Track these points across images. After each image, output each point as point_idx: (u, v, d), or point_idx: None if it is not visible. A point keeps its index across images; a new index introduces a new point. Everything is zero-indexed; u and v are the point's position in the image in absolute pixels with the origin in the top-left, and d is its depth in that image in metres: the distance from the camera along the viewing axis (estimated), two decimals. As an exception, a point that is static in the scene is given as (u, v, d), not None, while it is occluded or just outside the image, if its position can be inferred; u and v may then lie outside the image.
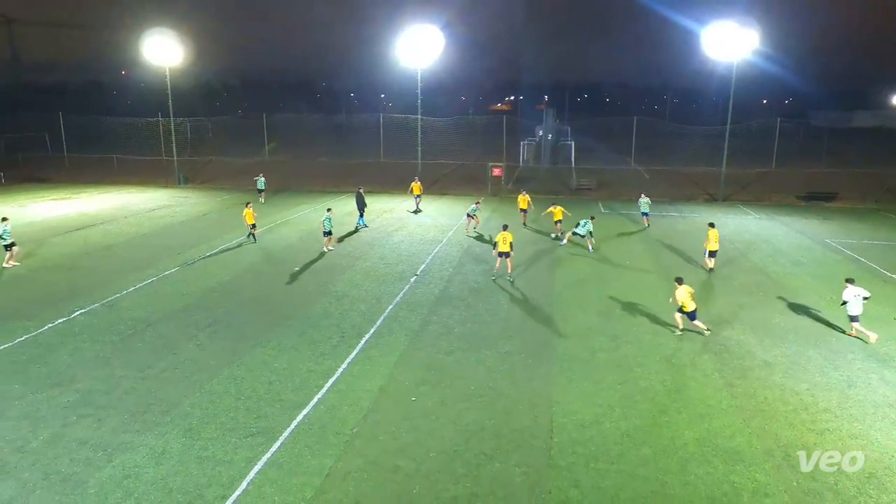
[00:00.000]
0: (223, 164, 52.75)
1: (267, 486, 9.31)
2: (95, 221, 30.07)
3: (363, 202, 28.93)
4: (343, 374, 13.09)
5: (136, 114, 58.08)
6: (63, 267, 21.41)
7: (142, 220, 30.49)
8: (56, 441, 10.54)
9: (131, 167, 50.68)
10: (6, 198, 37.91)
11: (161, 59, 42.56)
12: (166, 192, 41.03)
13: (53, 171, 49.31)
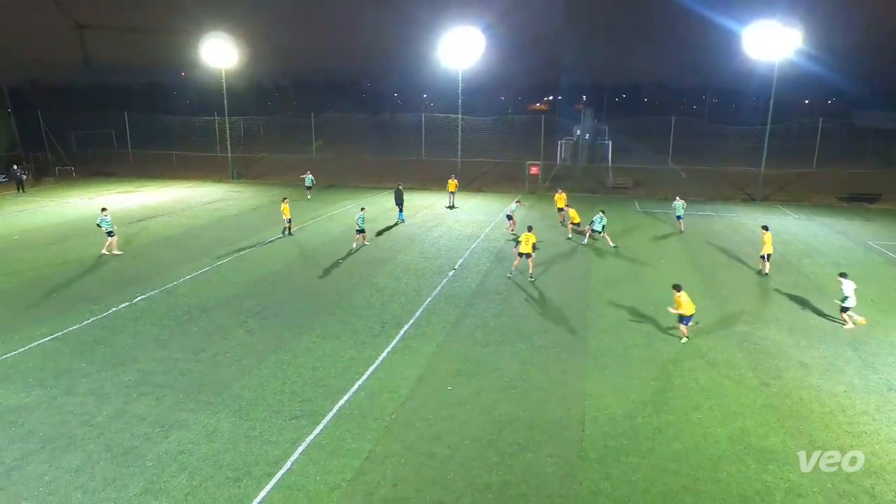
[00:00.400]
0: (274, 161, 53.82)
1: (310, 466, 9.50)
2: (156, 213, 31.12)
3: (402, 198, 29.09)
4: (383, 363, 13.23)
5: (194, 113, 59.81)
6: (126, 255, 22.25)
7: (198, 213, 31.40)
8: (118, 416, 10.99)
9: (189, 163, 52.20)
10: (77, 190, 39.61)
11: (218, 61, 43.65)
12: (221, 186, 42.12)
13: (119, 166, 51.24)
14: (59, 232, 26.56)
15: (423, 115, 58.20)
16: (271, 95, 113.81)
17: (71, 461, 9.65)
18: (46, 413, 11.09)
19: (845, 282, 15.20)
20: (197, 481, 9.14)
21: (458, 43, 39.54)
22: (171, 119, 59.70)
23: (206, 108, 56.91)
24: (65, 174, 47.00)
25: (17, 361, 13.22)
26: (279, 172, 47.59)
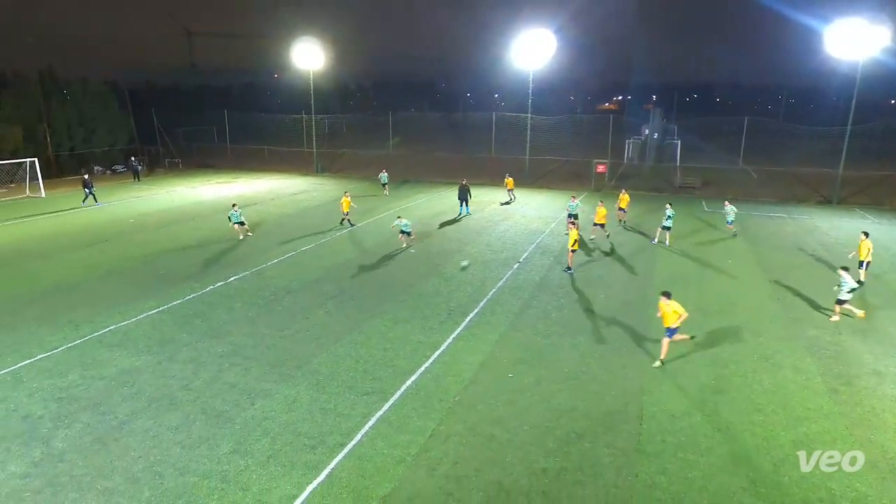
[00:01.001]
0: (354, 156, 55.22)
1: (378, 440, 9.75)
2: (249, 202, 32.70)
3: (467, 193, 28.99)
4: (448, 348, 13.34)
5: (284, 111, 62.16)
6: (223, 239, 23.54)
7: (286, 203, 32.73)
8: (212, 383, 11.70)
9: (279, 157, 54.45)
10: (183, 180, 42.27)
11: (306, 64, 45.19)
12: (306, 179, 43.67)
13: (219, 158, 54.20)
14: (167, 217, 28.48)
15: (493, 114, 57.81)
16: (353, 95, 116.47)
17: (172, 420, 10.38)
18: (153, 376, 11.96)
19: (846, 275, 14.76)
20: (278, 446, 9.59)
21: (530, 45, 38.96)
22: (264, 117, 62.34)
23: (295, 106, 59.04)
24: (173, 166, 50.32)
25: (130, 330, 14.33)
26: (359, 167, 48.77)
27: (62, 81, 48.07)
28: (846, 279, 14.75)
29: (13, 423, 10.26)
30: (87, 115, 47.36)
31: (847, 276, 14.82)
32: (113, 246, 22.76)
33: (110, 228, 25.99)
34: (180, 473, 8.90)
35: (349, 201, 26.09)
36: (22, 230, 25.84)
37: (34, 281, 18.26)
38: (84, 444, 9.63)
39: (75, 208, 30.83)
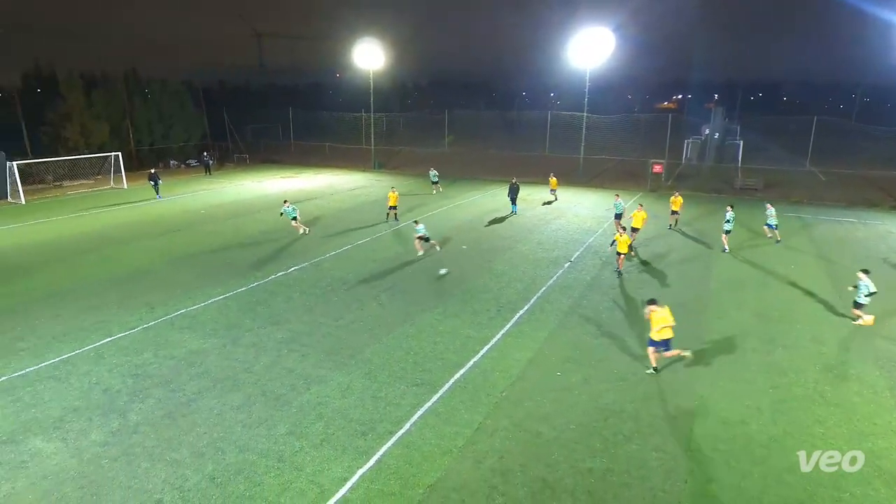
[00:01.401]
0: (410, 153, 55.75)
1: (426, 430, 9.85)
2: (310, 196, 33.64)
3: (517, 192, 28.56)
4: (497, 344, 13.30)
5: (345, 109, 63.42)
6: (285, 231, 24.34)
7: (344, 198, 33.47)
8: (272, 367, 12.14)
9: (338, 153, 55.67)
10: (250, 175, 43.95)
11: (367, 63, 45.96)
12: (364, 175, 44.48)
13: (283, 154, 56.01)
14: (234, 209, 29.70)
15: (549, 113, 56.98)
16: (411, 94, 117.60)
17: (234, 399, 10.85)
18: (218, 358, 12.54)
19: (865, 277, 14.19)
20: (331, 430, 9.86)
21: (588, 43, 38.11)
22: (326, 114, 63.86)
23: (355, 105, 60.13)
24: (241, 161, 52.37)
25: (198, 314, 15.06)
26: (414, 164, 49.19)
27: (144, 81, 50.92)
28: (865, 282, 14.05)
29: (95, 395, 11.01)
30: (166, 112, 50.00)
31: (866, 279, 14.08)
32: (185, 235, 23.97)
33: (183, 219, 27.38)
34: (240, 451, 9.30)
35: (396, 196, 26.38)
36: (105, 218, 27.63)
37: (115, 266, 19.50)
38: (155, 418, 10.22)
39: (152, 199, 32.65)
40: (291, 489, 8.41)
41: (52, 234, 24.24)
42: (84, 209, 30.04)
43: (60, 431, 9.84)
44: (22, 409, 10.50)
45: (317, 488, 8.42)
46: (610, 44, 37.88)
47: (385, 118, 59.22)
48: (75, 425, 10.02)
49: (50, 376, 11.72)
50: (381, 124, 56.02)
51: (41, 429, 9.91)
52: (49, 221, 27.06)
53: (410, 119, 70.93)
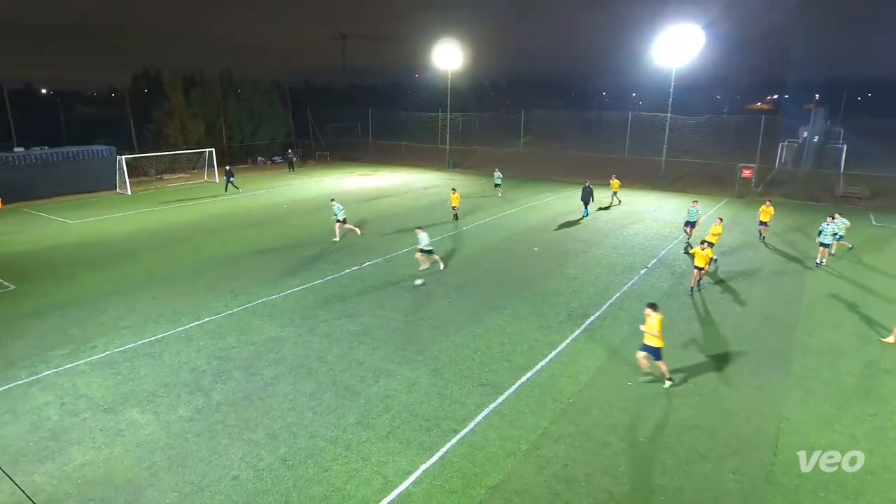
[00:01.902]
0: (485, 153, 55.74)
1: (490, 431, 9.83)
2: (386, 194, 34.48)
3: (590, 195, 27.70)
4: (566, 348, 13.04)
5: (422, 109, 64.37)
6: (361, 226, 25.08)
7: (418, 196, 34.01)
8: (343, 358, 12.56)
9: (414, 152, 56.63)
10: (330, 172, 45.67)
11: (445, 64, 46.44)
12: (438, 174, 44.98)
13: (362, 153, 57.75)
14: (314, 204, 30.98)
15: (629, 114, 55.06)
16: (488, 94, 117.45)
17: (307, 387, 11.33)
18: (294, 346, 13.14)
19: None
20: (397, 423, 10.06)
21: (675, 41, 36.43)
22: (403, 114, 65.14)
23: (432, 104, 60.89)
24: (322, 158, 54.54)
25: (277, 303, 15.85)
26: (489, 164, 49.10)
27: (237, 82, 54.16)
28: None
29: (184, 373, 11.86)
30: (256, 111, 52.95)
31: None
32: (268, 228, 25.28)
33: (267, 212, 28.90)
34: (311, 436, 9.70)
35: (458, 197, 26.36)
36: (198, 210, 29.69)
37: (206, 254, 20.91)
38: (236, 399, 10.86)
39: (235, 194, 34.69)
40: (357, 477, 8.66)
41: (152, 223, 26.37)
42: (180, 200, 32.45)
43: (153, 405, 10.69)
44: (121, 382, 11.50)
45: (381, 479, 8.63)
46: (699, 41, 36.02)
47: (461, 118, 59.53)
48: (165, 400, 10.85)
49: (146, 353, 12.76)
50: (456, 124, 56.37)
51: (137, 401, 10.81)
52: (150, 211, 29.45)
53: (486, 119, 70.90)
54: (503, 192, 34.33)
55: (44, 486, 8.47)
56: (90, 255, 20.95)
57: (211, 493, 8.34)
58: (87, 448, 9.40)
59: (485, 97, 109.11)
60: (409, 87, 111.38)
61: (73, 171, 34.24)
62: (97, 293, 16.68)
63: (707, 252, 16.34)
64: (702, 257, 16.27)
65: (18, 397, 10.92)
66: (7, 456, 9.11)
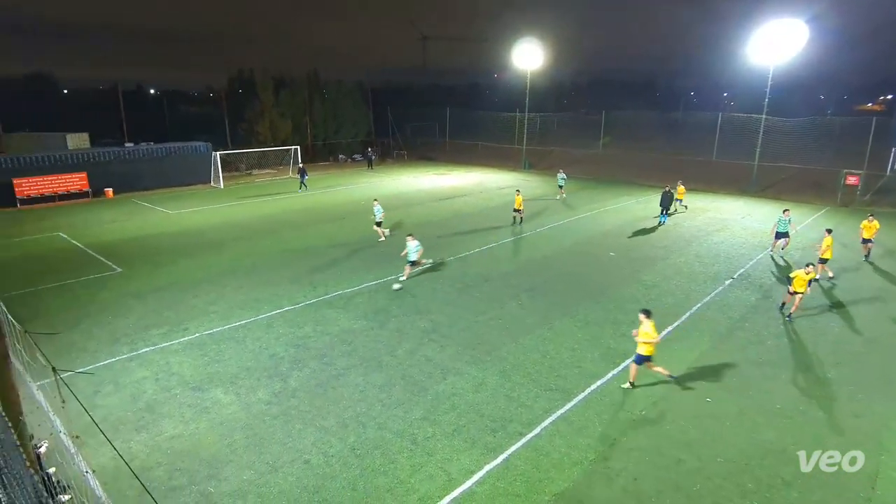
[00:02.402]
0: (562, 154, 54.75)
1: (557, 437, 9.65)
2: (460, 193, 34.69)
3: (670, 200, 26.29)
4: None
5: (499, 109, 64.16)
6: (434, 224, 25.42)
7: (492, 196, 33.95)
8: (412, 354, 12.78)
9: (490, 152, 56.58)
10: (407, 170, 46.59)
11: (525, 63, 46.02)
12: (513, 174, 44.68)
13: (438, 152, 58.47)
14: (390, 202, 31.66)
15: (719, 115, 52.09)
16: (567, 93, 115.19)
17: (377, 379, 11.63)
18: (366, 339, 13.52)
19: None
20: (463, 422, 10.11)
21: (774, 37, 34.00)
22: (480, 114, 65.24)
23: (510, 104, 60.53)
24: (400, 157, 55.76)
25: (352, 296, 16.38)
26: (565, 165, 48.09)
27: (322, 82, 56.46)
28: None
29: (263, 359, 12.53)
30: (339, 110, 54.99)
31: None
32: (347, 223, 26.17)
33: (347, 208, 29.92)
34: (379, 427, 9.95)
35: (521, 199, 25.74)
36: (283, 204, 31.24)
37: (289, 246, 21.97)
38: (310, 386, 11.34)
39: (322, 189, 36.15)
40: (422, 472, 8.79)
41: (241, 216, 28.05)
42: (267, 195, 34.29)
43: (235, 386, 11.37)
44: (208, 363, 12.33)
45: (445, 475, 8.70)
46: (802, 37, 33.42)
47: (539, 118, 58.78)
48: (246, 383, 11.51)
49: (231, 338, 13.60)
50: (534, 124, 55.74)
51: (221, 382, 11.55)
52: (239, 204, 31.34)
53: (565, 119, 69.59)
54: (567, 195, 33.42)
55: (138, 453, 9.25)
56: (185, 243, 22.63)
57: (284, 475, 8.76)
58: (176, 422, 10.16)
59: (564, 97, 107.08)
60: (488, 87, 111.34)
61: (175, 166, 37.11)
62: (190, 279, 17.98)
63: (810, 274, 14.42)
64: (802, 281, 14.30)
65: (120, 371, 11.99)
66: (109, 423, 10.02)
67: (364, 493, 8.36)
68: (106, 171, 33.78)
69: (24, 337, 9.21)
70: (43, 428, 9.46)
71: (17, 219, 27.49)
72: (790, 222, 20.49)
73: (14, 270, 18.83)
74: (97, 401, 10.76)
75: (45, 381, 10.73)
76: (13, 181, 30.21)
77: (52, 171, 31.81)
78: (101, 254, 20.93)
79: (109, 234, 24.27)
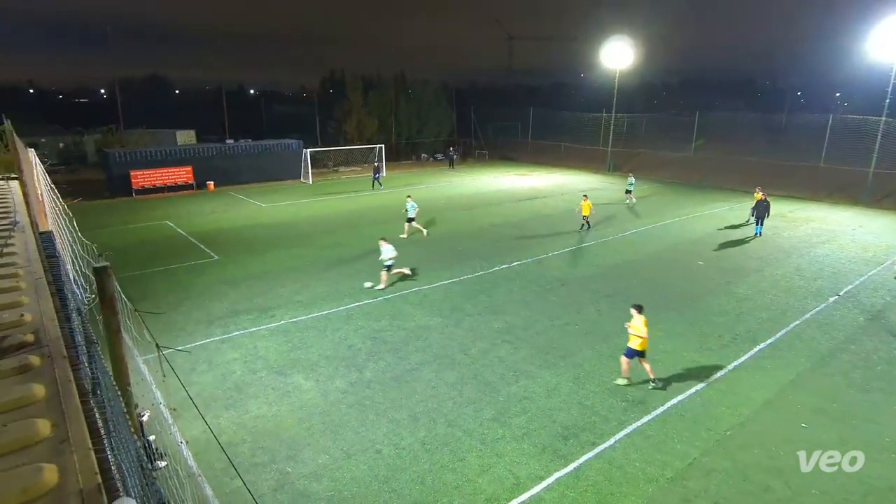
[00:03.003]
0: (649, 157, 52.52)
1: (632, 451, 9.28)
2: (540, 195, 34.22)
3: (766, 210, 23.83)
4: (726, 375, 11.80)
5: (585, 109, 62.55)
6: (513, 225, 25.24)
7: (572, 198, 33.15)
8: (485, 354, 12.77)
9: (573, 154, 55.33)
10: (487, 170, 46.59)
11: (614, 62, 44.59)
12: (596, 176, 43.45)
13: (520, 152, 57.99)
14: (470, 202, 31.87)
15: (830, 117, 47.80)
16: (658, 93, 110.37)
17: (449, 377, 11.73)
18: (440, 336, 13.67)
19: None
20: (534, 426, 9.97)
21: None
22: (565, 114, 63.97)
23: (596, 105, 58.86)
24: (481, 157, 55.83)
25: (428, 293, 16.62)
26: (652, 168, 46.29)
27: (409, 83, 57.70)
28: None
29: (342, 349, 13.01)
30: (423, 110, 55.99)
31: None
32: (425, 221, 26.57)
33: (425, 206, 30.30)
34: (449, 424, 10.03)
35: (590, 205, 24.62)
36: (365, 201, 32.28)
37: (370, 241, 22.58)
38: (385, 379, 11.64)
39: (402, 187, 36.97)
40: (490, 473, 8.76)
41: (327, 210, 29.30)
42: (352, 191, 35.57)
43: (315, 373, 11.90)
44: (291, 350, 12.99)
45: (513, 478, 8.62)
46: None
47: (626, 118, 56.73)
48: (325, 371, 12.01)
49: (313, 327, 14.24)
50: (621, 125, 53.86)
51: (302, 368, 12.12)
52: (326, 200, 32.73)
53: (654, 120, 66.72)
54: (651, 199, 31.91)
55: (226, 429, 9.92)
56: (276, 235, 23.95)
57: (356, 462, 9.05)
58: (261, 402, 10.79)
59: (654, 97, 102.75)
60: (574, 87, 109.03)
61: (269, 161, 39.39)
62: (279, 269, 19.01)
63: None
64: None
65: (214, 351, 12.90)
66: (202, 399, 10.82)
67: (432, 488, 8.46)
68: (209, 165, 36.45)
69: (134, 315, 10.14)
70: (145, 399, 10.39)
71: (132, 207, 30.34)
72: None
73: (129, 254, 20.79)
74: (193, 377, 11.65)
75: (149, 356, 11.77)
76: (130, 173, 33.36)
77: (163, 165, 34.79)
78: (201, 242, 22.64)
79: (209, 223, 26.18)
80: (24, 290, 3.57)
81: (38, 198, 8.12)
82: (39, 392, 2.41)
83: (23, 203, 6.63)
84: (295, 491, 8.41)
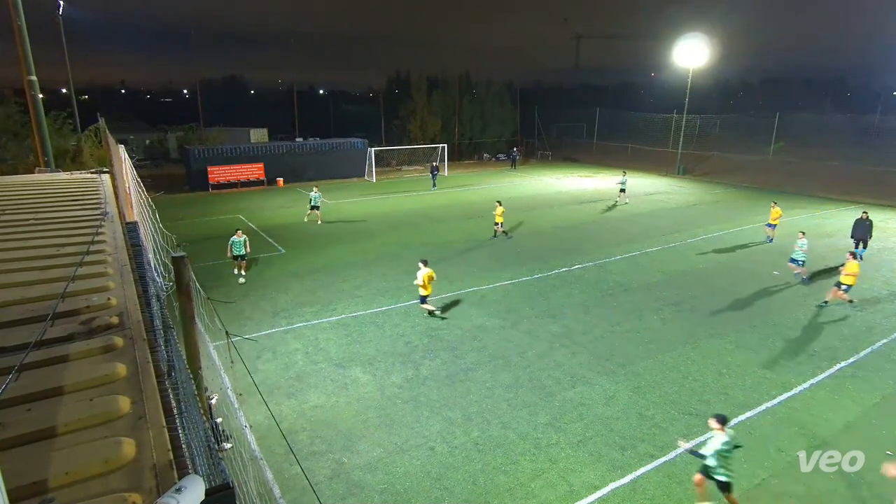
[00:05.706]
0: (723, 160, 50.04)
1: (693, 465, 8.84)
2: (603, 197, 33.36)
3: (868, 231, 20.49)
4: (801, 394, 11.07)
5: (654, 110, 60.38)
6: (574, 228, 24.76)
7: (638, 202, 32.14)
8: (542, 357, 12.60)
9: (641, 155, 53.56)
10: (550, 171, 45.91)
11: (687, 61, 42.81)
12: (665, 179, 41.87)
13: (584, 153, 56.78)
14: (531, 203, 31.53)
15: (931, 118, 43.71)
16: (735, 93, 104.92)
17: (504, 378, 11.66)
18: (497, 337, 13.62)
19: None
20: (589, 434, 9.74)
21: None
22: (633, 115, 62.02)
23: (667, 105, 56.72)
24: (544, 157, 55.13)
25: (486, 294, 16.59)
26: (726, 171, 44.08)
27: (473, 83, 57.75)
28: None
29: (399, 345, 13.22)
30: (487, 110, 55.89)
31: None
32: (486, 221, 26.48)
33: (486, 206, 30.26)
34: (503, 426, 9.97)
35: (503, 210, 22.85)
36: (427, 200, 32.60)
37: (429, 240, 22.89)
38: (440, 376, 11.72)
39: (463, 186, 37.05)
40: (543, 478, 8.64)
41: (388, 208, 29.83)
42: (413, 190, 36.03)
43: (372, 368, 12.15)
44: (350, 343, 13.32)
45: (566, 485, 8.46)
46: None
47: (699, 120, 54.33)
48: (382, 365, 12.23)
49: (372, 322, 14.55)
50: (693, 126, 51.63)
51: (360, 362, 12.41)
52: (388, 198, 33.32)
53: (729, 121, 63.55)
54: (723, 202, 30.28)
55: (287, 416, 10.30)
56: (339, 231, 24.64)
57: (409, 457, 9.17)
58: (320, 393, 11.13)
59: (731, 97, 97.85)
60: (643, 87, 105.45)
61: (335, 159, 40.58)
62: (341, 264, 19.55)
63: None
64: None
65: (278, 341, 13.44)
66: (266, 386, 11.29)
67: (484, 489, 8.45)
68: (279, 162, 37.99)
69: (207, 303, 10.72)
70: (214, 383, 10.96)
71: (209, 201, 32.09)
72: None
73: (204, 246, 21.98)
74: (258, 365, 12.18)
75: (219, 343, 12.41)
76: (208, 169, 35.28)
77: (237, 161, 36.57)
78: (270, 235, 23.63)
79: (278, 218, 27.28)
80: (111, 276, 3.86)
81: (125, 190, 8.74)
82: (122, 371, 2.60)
83: (112, 195, 7.15)
84: (350, 481, 8.63)
